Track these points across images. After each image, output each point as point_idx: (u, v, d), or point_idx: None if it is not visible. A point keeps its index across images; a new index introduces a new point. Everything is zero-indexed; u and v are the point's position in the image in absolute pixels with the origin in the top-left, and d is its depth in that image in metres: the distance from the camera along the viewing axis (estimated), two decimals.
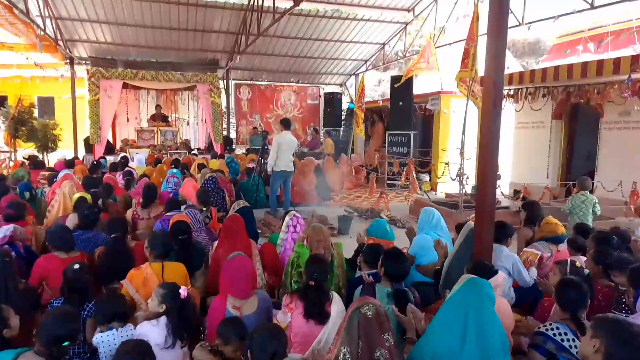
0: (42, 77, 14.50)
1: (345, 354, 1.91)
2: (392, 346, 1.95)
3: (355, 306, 2.01)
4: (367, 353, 1.89)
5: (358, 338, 1.92)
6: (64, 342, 2.06)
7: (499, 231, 3.68)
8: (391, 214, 8.11)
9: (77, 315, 2.33)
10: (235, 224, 3.91)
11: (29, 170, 8.07)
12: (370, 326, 1.93)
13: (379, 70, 17.86)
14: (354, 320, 1.96)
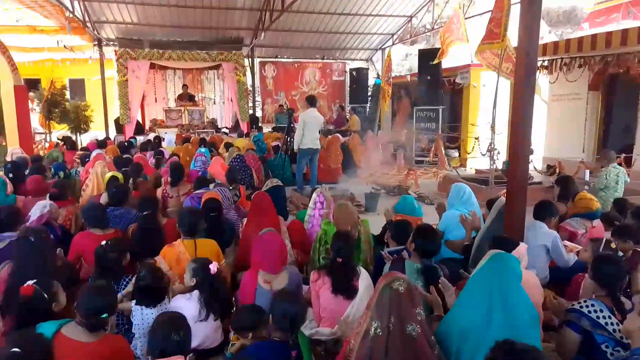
0: (72, 59, 14.79)
1: (376, 329, 1.92)
2: (423, 321, 1.96)
3: (385, 281, 2.01)
4: (399, 328, 1.90)
5: (389, 313, 1.93)
6: (102, 312, 2.13)
7: (542, 208, 3.60)
8: (419, 190, 8.02)
9: (113, 289, 2.41)
10: (263, 202, 3.95)
11: (64, 151, 8.31)
12: (401, 301, 1.93)
13: (405, 44, 17.45)
14: (384, 296, 1.96)
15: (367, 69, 17.20)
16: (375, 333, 1.92)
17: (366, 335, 1.95)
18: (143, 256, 3.45)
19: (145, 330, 2.64)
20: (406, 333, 1.90)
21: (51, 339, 1.99)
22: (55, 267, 2.98)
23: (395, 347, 1.89)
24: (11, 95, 8.57)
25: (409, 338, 1.89)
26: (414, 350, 1.89)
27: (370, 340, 1.92)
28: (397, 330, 1.90)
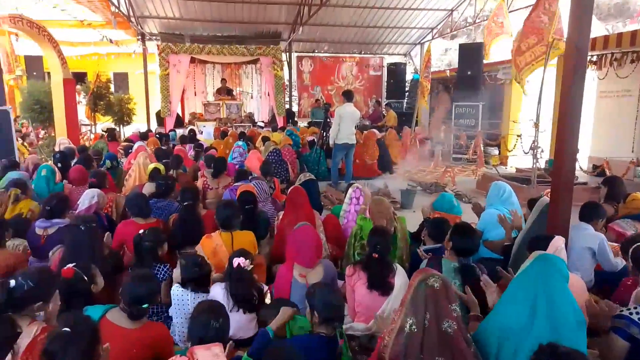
0: (117, 53, 15.31)
1: (411, 325, 1.91)
2: (459, 317, 1.94)
3: (420, 277, 2.00)
4: (435, 324, 1.88)
5: (425, 309, 1.91)
6: (144, 302, 2.20)
7: (589, 209, 3.46)
8: (457, 188, 7.86)
9: (156, 278, 2.48)
10: (298, 196, 3.97)
11: (107, 142, 8.63)
12: (437, 297, 1.91)
13: (445, 38, 17.07)
14: (419, 292, 1.94)
15: (405, 63, 16.97)
16: (410, 330, 1.91)
17: (401, 331, 1.95)
18: (183, 246, 3.54)
19: (183, 317, 2.72)
20: (442, 330, 1.88)
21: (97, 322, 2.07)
22: (103, 255, 3.10)
23: (431, 343, 1.87)
24: (60, 87, 8.94)
25: (445, 335, 1.88)
26: (450, 347, 1.87)
27: (405, 337, 1.91)
28: (433, 327, 1.89)
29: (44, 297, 2.16)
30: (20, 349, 1.95)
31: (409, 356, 1.88)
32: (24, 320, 2.07)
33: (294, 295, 2.67)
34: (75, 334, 1.65)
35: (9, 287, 2.04)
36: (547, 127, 8.03)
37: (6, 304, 2.03)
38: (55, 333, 1.68)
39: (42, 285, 2.15)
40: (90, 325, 1.77)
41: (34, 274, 2.17)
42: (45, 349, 1.64)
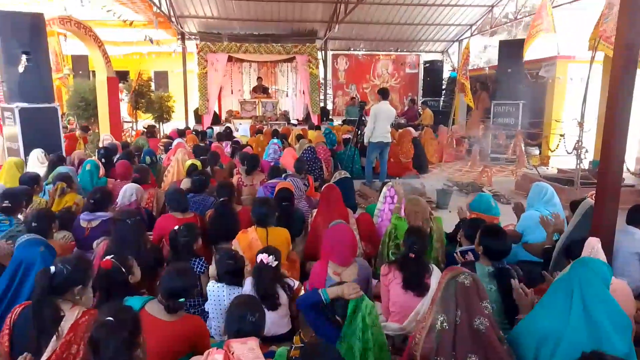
0: (157, 52, 15.72)
1: (442, 322, 1.91)
2: (490, 314, 1.93)
3: (450, 275, 1.99)
4: (467, 321, 1.88)
5: (455, 306, 1.91)
6: (180, 295, 2.25)
7: (637, 213, 3.30)
8: (494, 188, 7.67)
9: (193, 272, 2.53)
10: (332, 194, 3.97)
11: (147, 139, 8.89)
12: (468, 294, 1.91)
13: (485, 35, 16.63)
14: (450, 289, 1.95)
15: (442, 61, 16.68)
16: (441, 327, 1.91)
17: (432, 329, 1.95)
18: (219, 241, 3.61)
19: (219, 312, 2.78)
20: (474, 327, 1.88)
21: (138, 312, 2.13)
22: (146, 248, 3.20)
23: (463, 341, 1.87)
24: (104, 86, 9.28)
25: (477, 332, 1.87)
26: (483, 345, 1.86)
27: (436, 334, 1.92)
28: (465, 324, 1.89)
29: (83, 281, 2.27)
30: (63, 331, 2.06)
31: (441, 353, 1.88)
32: (66, 305, 2.17)
33: None
34: (117, 323, 1.71)
35: (50, 274, 2.15)
36: (592, 127, 7.70)
37: (49, 289, 2.13)
38: (99, 322, 1.75)
39: (80, 270, 2.26)
40: (132, 315, 1.83)
41: (71, 260, 2.29)
42: (91, 337, 1.71)
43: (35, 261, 2.68)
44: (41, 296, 2.10)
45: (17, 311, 2.18)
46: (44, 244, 2.81)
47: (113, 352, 1.66)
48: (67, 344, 2.04)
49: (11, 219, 3.48)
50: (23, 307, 2.19)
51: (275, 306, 2.70)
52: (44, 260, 2.69)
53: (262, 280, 2.71)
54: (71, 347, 2.05)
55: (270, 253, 2.79)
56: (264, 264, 2.75)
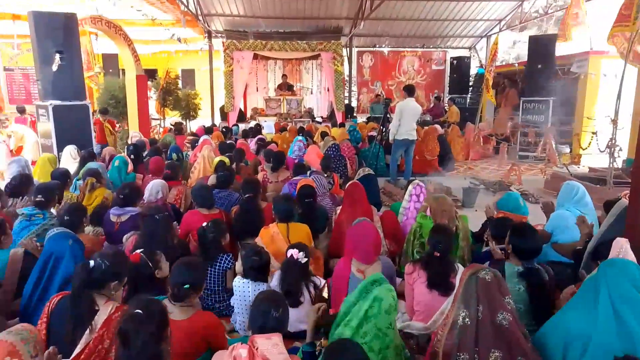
0: (184, 50, 15.98)
1: (464, 318, 1.90)
2: (513, 309, 1.91)
3: (470, 271, 1.98)
4: (489, 316, 1.87)
5: (477, 302, 1.90)
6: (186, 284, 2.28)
7: None
8: (523, 187, 7.50)
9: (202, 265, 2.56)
10: (356, 191, 3.96)
11: (174, 136, 9.05)
12: (490, 290, 1.90)
13: (514, 31, 16.27)
14: (471, 285, 1.94)
15: (470, 57, 16.38)
16: (463, 323, 1.91)
17: (454, 325, 1.95)
18: (244, 236, 3.65)
19: (244, 307, 2.81)
20: (497, 322, 1.86)
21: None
22: (174, 243, 3.26)
23: (486, 336, 1.86)
24: (133, 83, 9.48)
25: (500, 327, 1.86)
26: (507, 340, 1.85)
27: (458, 331, 1.92)
28: (487, 320, 1.88)
29: (119, 276, 2.33)
30: (97, 326, 2.11)
31: (463, 349, 1.87)
32: (101, 299, 2.23)
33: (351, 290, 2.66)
34: (146, 316, 1.75)
35: (89, 268, 2.21)
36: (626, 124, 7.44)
37: (87, 283, 2.19)
38: (128, 314, 1.79)
39: (117, 265, 2.31)
40: (160, 308, 1.87)
41: (109, 255, 2.34)
42: (120, 329, 1.76)
43: (64, 254, 2.77)
44: (79, 289, 2.17)
45: (55, 301, 2.24)
46: (73, 238, 2.90)
47: (141, 345, 1.70)
48: (100, 338, 2.10)
49: (45, 212, 3.59)
50: (60, 297, 2.25)
51: (297, 303, 2.71)
52: (72, 252, 2.78)
53: (290, 275, 2.73)
54: (104, 342, 2.11)
55: (300, 249, 2.81)
56: (294, 259, 2.77)
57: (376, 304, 2.06)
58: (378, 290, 2.09)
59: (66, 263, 2.74)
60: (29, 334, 1.71)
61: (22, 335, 1.67)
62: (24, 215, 3.52)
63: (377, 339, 2.02)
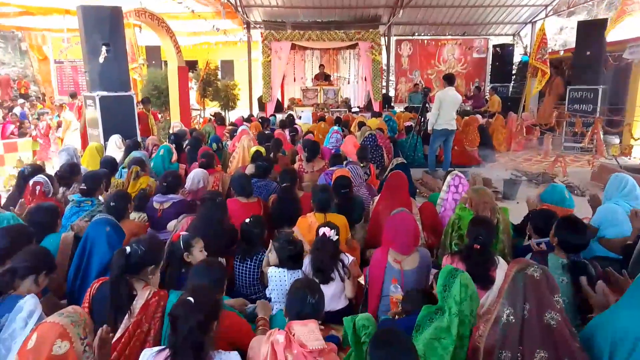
0: (224, 42, 16.20)
1: (508, 315, 1.85)
2: (562, 308, 1.84)
3: (518, 267, 1.91)
4: (536, 315, 1.81)
5: (524, 299, 1.84)
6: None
7: None
8: (568, 179, 7.22)
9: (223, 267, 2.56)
10: (397, 181, 3.92)
11: (215, 125, 9.23)
12: (539, 288, 1.83)
13: (561, 16, 15.57)
14: (518, 282, 1.87)
15: (513, 45, 15.81)
16: (507, 320, 1.85)
17: (497, 322, 1.90)
18: (281, 225, 3.70)
19: (281, 295, 2.85)
20: (544, 321, 1.80)
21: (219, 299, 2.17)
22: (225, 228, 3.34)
23: (532, 335, 1.80)
24: (175, 75, 9.72)
25: (547, 327, 1.80)
26: (554, 340, 1.79)
27: (501, 327, 1.87)
28: (534, 318, 1.82)
29: (155, 261, 2.41)
30: (135, 310, 2.20)
31: (506, 347, 1.83)
32: (139, 284, 2.32)
33: (388, 281, 2.66)
34: (197, 304, 1.80)
35: (126, 253, 2.30)
36: None
37: (125, 268, 2.28)
38: (180, 299, 1.85)
39: (153, 250, 2.40)
40: (211, 299, 1.91)
41: (145, 240, 2.42)
42: (171, 312, 1.82)
43: (100, 239, 2.88)
44: (118, 275, 2.25)
45: (96, 286, 2.35)
46: (111, 225, 3.01)
47: (188, 331, 1.75)
48: (139, 322, 2.18)
49: (93, 199, 3.76)
50: (101, 282, 2.35)
51: (328, 279, 2.75)
52: (108, 239, 2.89)
53: (322, 253, 2.77)
54: (142, 326, 2.19)
55: (331, 227, 2.84)
56: (326, 236, 2.79)
57: (464, 289, 2.06)
58: (463, 277, 2.09)
59: (101, 249, 2.85)
60: (79, 316, 1.79)
61: (72, 318, 1.75)
62: (74, 202, 3.70)
63: (462, 325, 2.03)
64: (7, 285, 2.18)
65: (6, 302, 2.11)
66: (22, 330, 2.00)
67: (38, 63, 15.81)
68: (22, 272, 2.26)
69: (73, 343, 1.67)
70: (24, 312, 2.03)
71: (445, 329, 2.04)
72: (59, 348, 1.64)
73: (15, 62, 17.37)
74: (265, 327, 2.32)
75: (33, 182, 3.83)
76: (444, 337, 2.03)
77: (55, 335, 1.65)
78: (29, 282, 2.28)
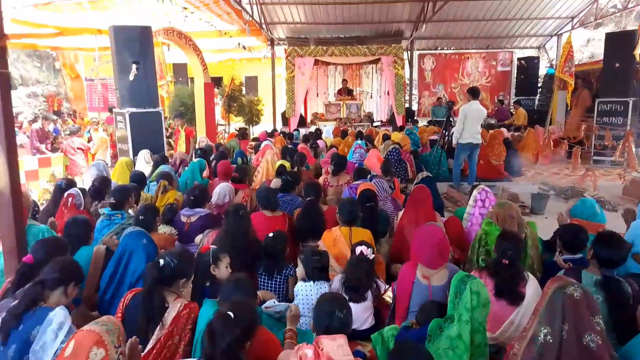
0: (248, 58, 16.51)
1: (545, 335, 1.79)
2: (603, 331, 1.77)
3: (557, 285, 1.85)
4: (574, 337, 1.74)
5: (562, 320, 1.78)
6: None
7: None
8: (598, 194, 7.03)
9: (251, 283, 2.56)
10: (422, 195, 3.89)
11: (239, 140, 9.37)
12: (578, 308, 1.77)
13: (587, 28, 15.34)
14: (556, 301, 1.81)
15: (538, 57, 15.62)
16: (544, 340, 1.80)
17: (533, 341, 1.84)
18: (306, 239, 3.71)
19: (307, 308, 2.85)
20: (583, 344, 1.74)
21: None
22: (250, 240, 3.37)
23: (570, 357, 1.74)
24: (201, 91, 9.94)
25: (587, 349, 1.73)
26: None
27: (537, 347, 1.81)
28: (572, 340, 1.75)
29: (187, 274, 2.45)
30: (167, 322, 2.23)
31: None
32: (171, 296, 2.36)
33: (415, 296, 2.63)
34: (235, 319, 1.83)
35: (159, 266, 2.34)
36: None
37: (158, 280, 2.33)
38: (219, 313, 1.88)
39: (185, 263, 2.44)
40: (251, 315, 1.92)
41: (177, 253, 2.47)
42: (209, 325, 1.85)
43: (138, 251, 2.94)
44: (151, 286, 2.30)
45: (129, 297, 2.40)
46: (147, 237, 3.08)
47: (226, 346, 1.77)
48: (170, 334, 2.22)
49: (123, 212, 3.85)
50: (134, 293, 2.40)
51: (361, 298, 2.75)
52: (145, 250, 2.95)
53: (359, 271, 2.77)
54: (173, 337, 2.23)
55: (368, 246, 2.83)
56: (363, 255, 2.79)
57: (475, 296, 2.03)
58: (473, 284, 2.07)
59: (138, 260, 2.91)
60: (114, 325, 1.83)
61: (107, 327, 1.79)
62: (105, 215, 3.80)
63: (477, 333, 2.00)
64: (37, 297, 2.22)
65: (37, 314, 2.16)
66: (53, 342, 2.04)
67: (70, 81, 16.41)
68: (51, 283, 2.30)
69: (108, 351, 1.71)
70: (54, 324, 2.08)
71: (457, 337, 2.02)
72: (95, 355, 1.68)
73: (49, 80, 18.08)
74: (292, 339, 2.32)
75: (67, 194, 3.96)
76: (457, 345, 2.02)
77: (91, 343, 1.69)
78: (58, 293, 2.32)
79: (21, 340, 2.08)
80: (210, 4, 9.61)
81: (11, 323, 2.11)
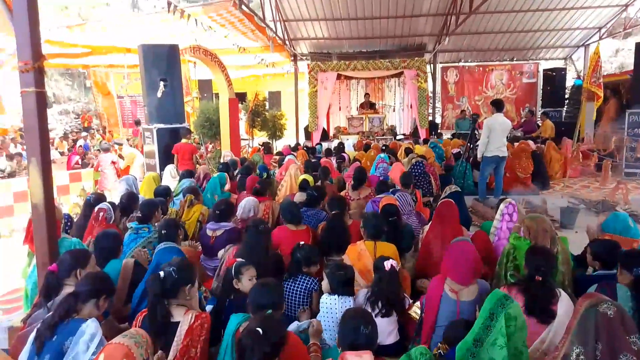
0: (272, 74, 16.76)
1: (578, 355, 1.73)
2: (639, 351, 1.68)
3: (589, 303, 1.79)
4: (609, 357, 1.67)
5: (595, 339, 1.71)
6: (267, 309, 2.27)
7: None
8: (630, 207, 6.80)
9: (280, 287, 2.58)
10: (447, 210, 3.84)
11: (263, 155, 9.46)
12: (613, 327, 1.70)
13: (616, 38, 15.03)
14: (590, 319, 1.75)
15: (565, 68, 15.34)
16: (577, 359, 1.72)
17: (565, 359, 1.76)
18: (330, 253, 3.70)
19: (332, 322, 2.83)
20: None
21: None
22: (270, 255, 3.40)
23: None
24: (226, 106, 10.11)
25: None
26: None
27: None
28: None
29: (190, 279, 2.46)
30: (181, 337, 2.24)
31: None
32: (180, 310, 2.37)
33: (443, 310, 2.59)
34: (264, 335, 1.84)
35: (160, 278, 2.37)
36: None
37: (162, 293, 2.35)
38: (249, 329, 1.89)
39: (184, 269, 2.45)
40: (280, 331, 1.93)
41: (174, 262, 2.49)
42: (239, 341, 1.86)
43: None
44: (154, 300, 2.32)
45: (140, 319, 2.41)
46: (177, 252, 3.14)
47: None
48: (186, 347, 2.23)
49: (150, 226, 3.92)
50: (144, 314, 2.41)
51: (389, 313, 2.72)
52: None
53: (388, 285, 2.76)
54: (190, 351, 2.24)
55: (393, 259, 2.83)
56: (394, 269, 2.79)
57: (512, 322, 1.98)
58: (512, 308, 2.01)
59: None
60: (142, 338, 1.86)
61: (135, 339, 1.83)
62: (132, 229, 3.88)
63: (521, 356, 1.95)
64: (71, 308, 2.28)
65: (70, 325, 2.21)
66: (85, 353, 2.09)
67: (102, 98, 16.92)
68: (84, 296, 2.37)
69: None
70: (86, 336, 2.13)
71: None
72: None
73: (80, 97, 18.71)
74: (317, 353, 2.31)
75: (97, 208, 4.06)
76: None
77: (121, 356, 1.72)
78: (91, 305, 2.39)
79: (54, 351, 2.13)
80: (235, 22, 9.83)
81: (46, 334, 2.16)
